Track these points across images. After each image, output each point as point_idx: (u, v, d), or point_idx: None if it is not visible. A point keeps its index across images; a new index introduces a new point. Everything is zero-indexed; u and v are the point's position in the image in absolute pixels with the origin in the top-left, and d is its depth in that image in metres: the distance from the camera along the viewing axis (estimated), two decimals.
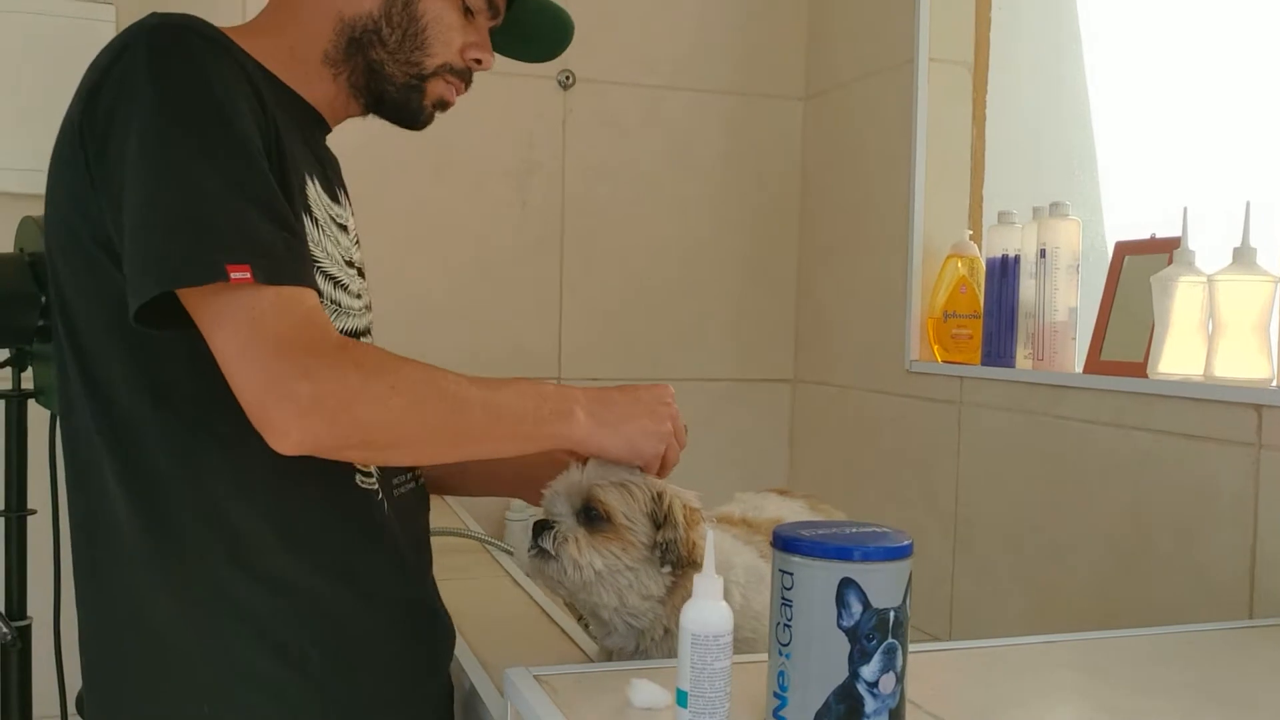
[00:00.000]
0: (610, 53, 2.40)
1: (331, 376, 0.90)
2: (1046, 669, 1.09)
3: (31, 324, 1.55)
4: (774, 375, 2.58)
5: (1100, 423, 1.61)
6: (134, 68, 0.94)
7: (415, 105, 1.16)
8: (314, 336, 0.91)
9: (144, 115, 0.92)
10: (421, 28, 1.12)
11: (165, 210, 0.90)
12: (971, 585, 1.90)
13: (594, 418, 1.05)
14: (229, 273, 0.88)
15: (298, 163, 1.05)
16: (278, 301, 0.90)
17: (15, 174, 2.02)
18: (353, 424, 0.91)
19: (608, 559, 1.05)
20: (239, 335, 0.89)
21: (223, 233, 0.90)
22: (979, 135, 2.12)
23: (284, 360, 0.89)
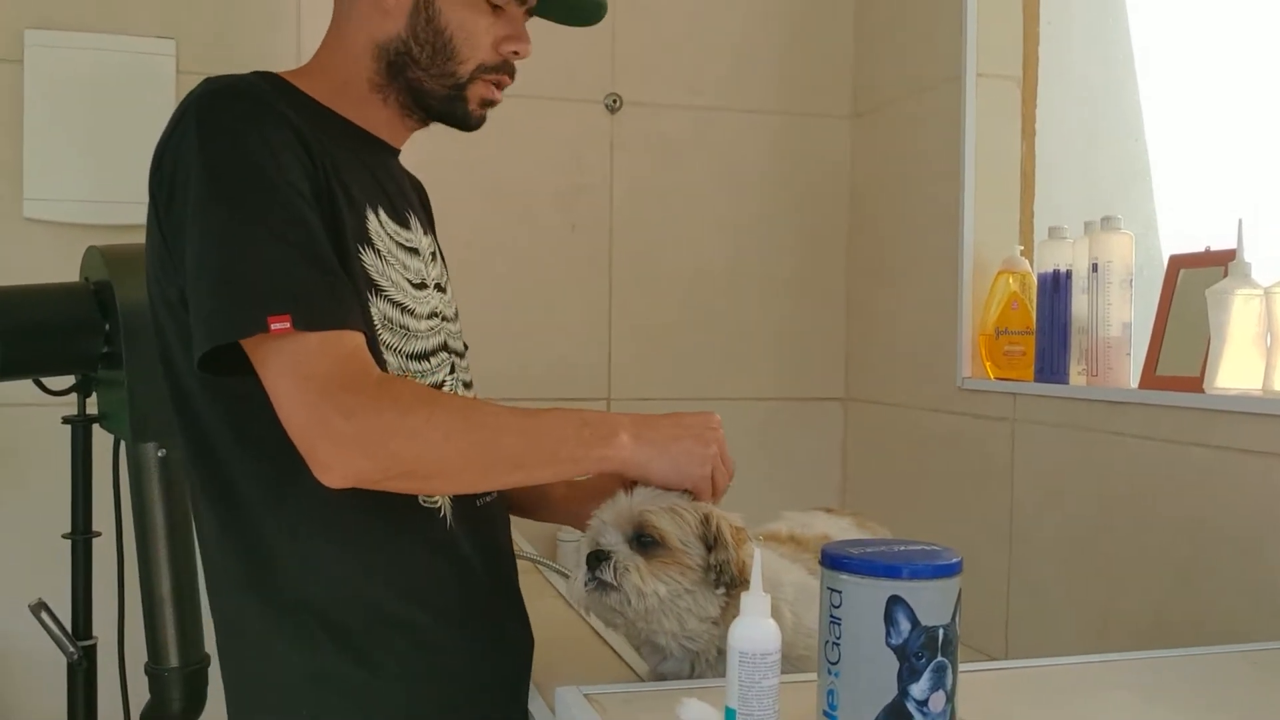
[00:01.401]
0: (657, 75, 2.42)
1: (370, 413, 0.97)
2: (1102, 689, 1.07)
3: (96, 351, 1.59)
4: (825, 394, 2.57)
5: (1157, 439, 1.59)
6: (186, 138, 1.04)
7: (461, 112, 1.20)
8: (354, 375, 0.98)
9: (195, 184, 1.01)
10: (448, 39, 1.15)
11: (212, 271, 0.99)
12: (1027, 604, 1.87)
13: (639, 439, 1.07)
14: (269, 324, 0.96)
15: (357, 199, 1.11)
16: (319, 346, 0.97)
17: (80, 205, 2.08)
18: (391, 457, 0.98)
19: (669, 584, 1.05)
20: (285, 378, 0.97)
21: (263, 287, 0.97)
22: (1029, 150, 2.10)
23: (326, 400, 0.96)
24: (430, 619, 1.11)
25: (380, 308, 1.10)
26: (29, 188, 2.06)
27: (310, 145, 1.06)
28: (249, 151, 1.02)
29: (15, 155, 2.05)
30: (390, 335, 1.10)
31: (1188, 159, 1.93)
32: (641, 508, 1.07)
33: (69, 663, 1.68)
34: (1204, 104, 1.88)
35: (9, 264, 2.01)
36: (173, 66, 2.13)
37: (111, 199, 2.10)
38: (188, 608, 1.61)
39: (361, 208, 1.11)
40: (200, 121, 1.03)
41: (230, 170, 1.01)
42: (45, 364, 1.63)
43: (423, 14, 1.14)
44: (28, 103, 2.05)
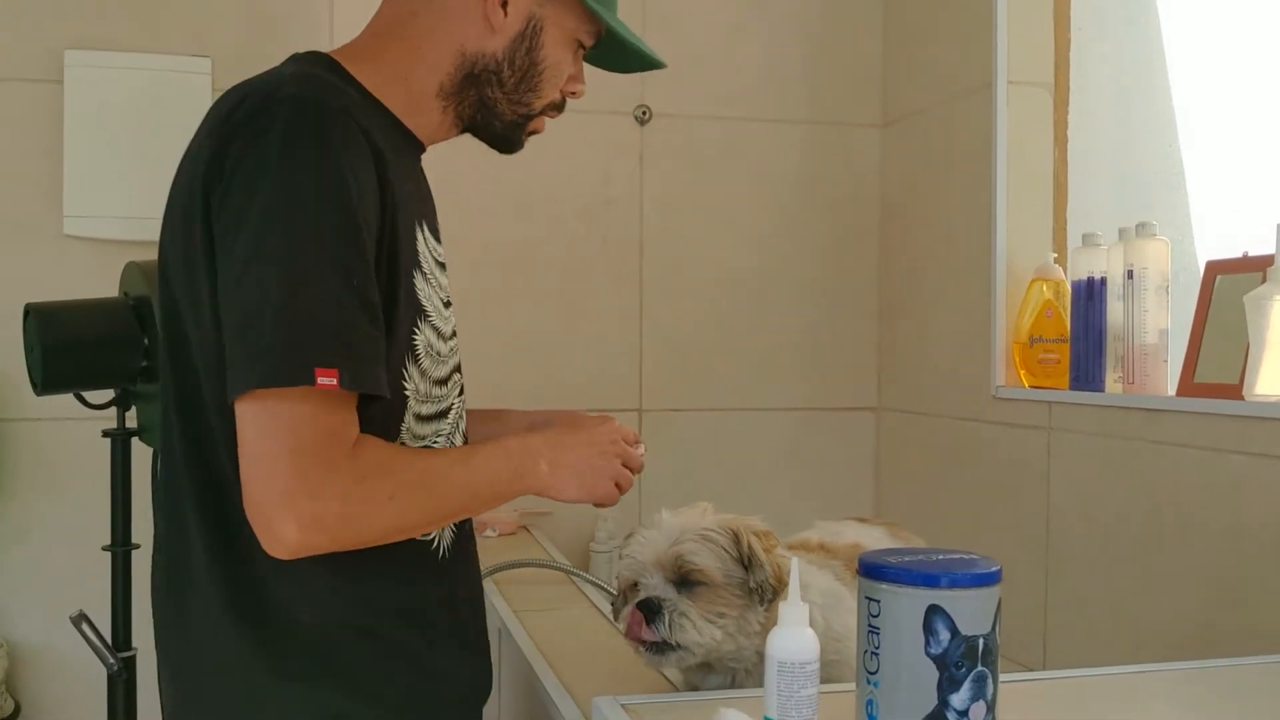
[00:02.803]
0: (686, 87, 2.43)
1: (337, 496, 0.94)
2: (1142, 700, 1.06)
3: (136, 365, 1.61)
4: (858, 404, 2.56)
5: (1196, 446, 1.57)
6: (268, 142, 0.96)
7: (516, 138, 1.20)
8: (333, 451, 0.94)
9: (271, 200, 0.95)
10: (540, 70, 1.15)
11: (273, 305, 0.93)
12: (1065, 615, 1.85)
13: (555, 466, 1.09)
14: (316, 377, 0.91)
15: (410, 216, 1.08)
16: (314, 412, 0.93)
17: (118, 222, 2.11)
18: (351, 536, 0.97)
19: (722, 624, 1.07)
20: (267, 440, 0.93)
21: (321, 336, 0.93)
22: (1061, 157, 2.09)
23: (298, 476, 0.92)
24: (427, 646, 1.10)
25: (425, 334, 1.09)
26: (69, 205, 2.09)
27: (385, 169, 1.02)
28: (335, 187, 0.96)
29: (56, 173, 2.09)
30: (429, 361, 1.10)
31: (1223, 163, 1.91)
32: (677, 547, 1.08)
33: (109, 673, 1.69)
34: (1239, 107, 1.86)
35: (50, 280, 2.04)
36: (208, 84, 2.16)
37: (150, 215, 2.10)
38: None
39: (413, 228, 1.09)
40: (288, 134, 0.97)
41: (313, 201, 0.95)
42: (86, 378, 1.65)
43: (526, 42, 1.13)
44: (68, 122, 2.08)
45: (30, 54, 2.09)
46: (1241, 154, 1.86)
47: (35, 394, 1.63)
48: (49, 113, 2.09)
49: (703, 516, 1.11)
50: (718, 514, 1.13)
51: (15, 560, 2.08)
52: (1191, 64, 1.99)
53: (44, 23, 2.10)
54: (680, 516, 1.12)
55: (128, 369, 1.62)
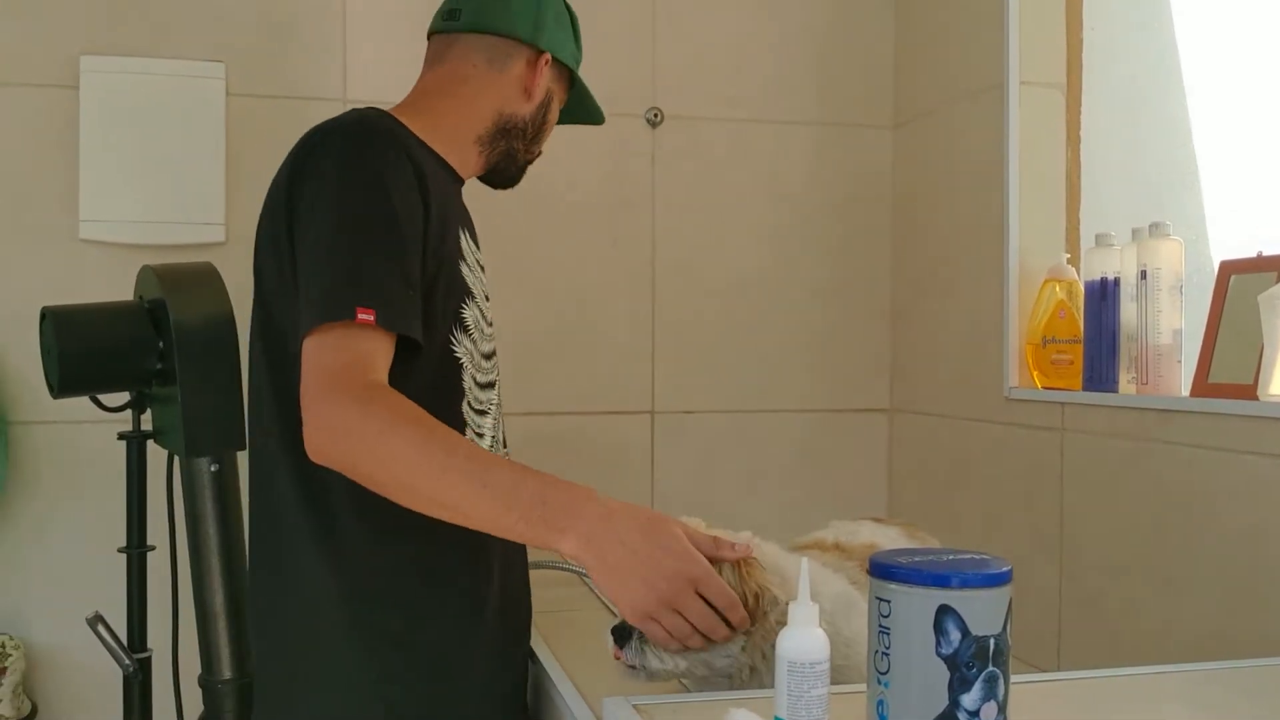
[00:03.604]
0: (698, 89, 2.43)
1: (340, 410, 1.10)
2: (1157, 701, 1.06)
3: (151, 368, 1.63)
4: (870, 405, 2.55)
5: (1210, 447, 1.56)
6: (328, 153, 1.25)
7: (518, 175, 1.55)
8: (352, 376, 1.12)
9: (328, 192, 1.21)
10: (547, 127, 1.52)
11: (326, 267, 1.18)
12: (1079, 616, 1.85)
13: (590, 550, 1.04)
14: (357, 313, 1.13)
15: (452, 222, 1.34)
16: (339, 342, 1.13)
17: (133, 226, 2.13)
18: (342, 453, 1.10)
19: (686, 655, 1.08)
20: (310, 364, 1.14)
21: (361, 287, 1.15)
22: (1074, 157, 2.08)
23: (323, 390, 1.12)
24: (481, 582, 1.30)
25: (472, 311, 1.33)
26: (84, 209, 2.10)
27: (423, 179, 1.26)
28: (381, 179, 1.22)
29: (71, 178, 2.10)
30: (478, 335, 1.34)
31: (1238, 163, 1.90)
32: None
33: (125, 675, 1.71)
34: (1254, 107, 1.85)
35: (66, 284, 2.05)
36: (222, 89, 2.17)
37: (164, 219, 2.14)
38: (241, 620, 1.64)
39: (456, 229, 1.34)
40: (346, 143, 1.25)
41: (366, 194, 1.21)
42: (102, 381, 1.66)
43: (544, 108, 1.49)
44: (83, 127, 2.10)
45: (45, 60, 2.11)
46: (1256, 153, 1.86)
47: (52, 397, 1.64)
48: (64, 118, 2.11)
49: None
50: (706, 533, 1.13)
51: (32, 562, 2.10)
52: (1205, 63, 1.99)
53: (59, 29, 2.11)
54: None
55: (143, 371, 1.63)
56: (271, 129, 2.22)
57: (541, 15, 1.46)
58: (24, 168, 2.10)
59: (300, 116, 2.23)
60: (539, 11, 1.46)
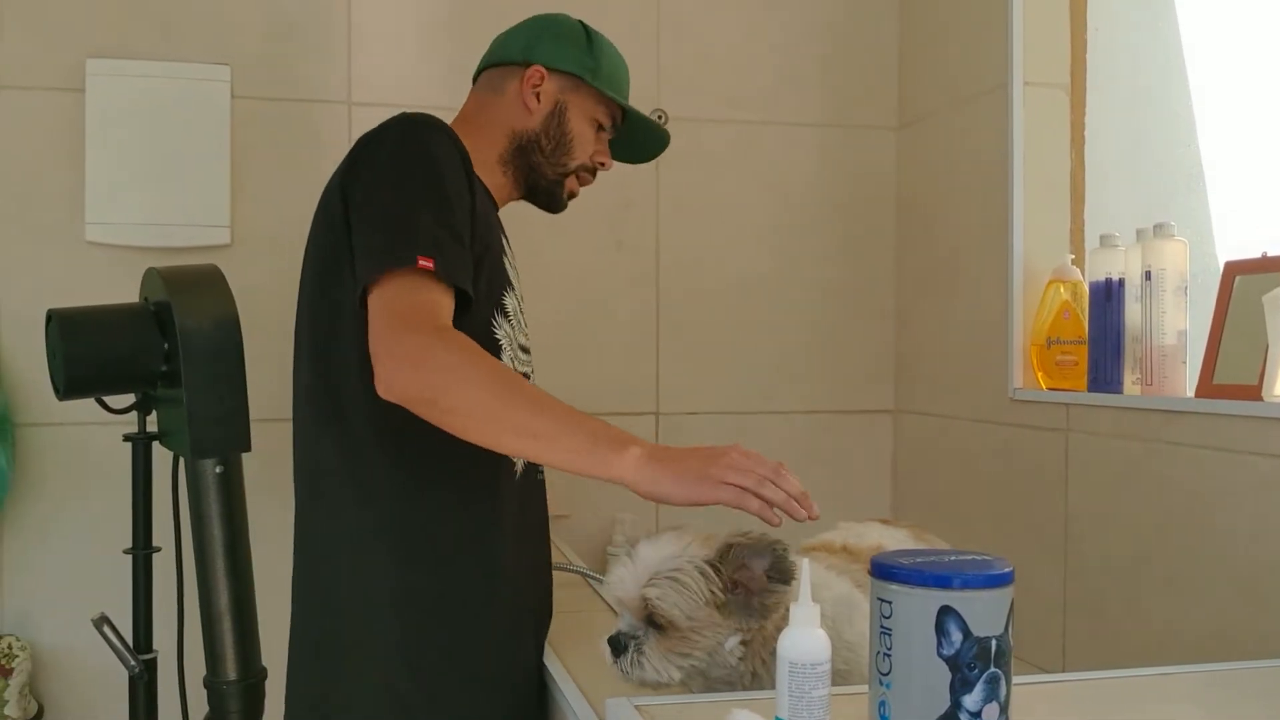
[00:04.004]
0: (702, 90, 2.43)
1: (421, 344, 1.19)
2: (1162, 702, 1.05)
3: (156, 370, 1.63)
4: (875, 406, 2.55)
5: (1215, 448, 1.56)
6: (384, 136, 1.36)
7: (558, 195, 1.60)
8: (424, 317, 1.21)
9: (385, 164, 1.32)
10: (569, 140, 1.56)
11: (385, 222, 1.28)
12: (1084, 618, 1.84)
13: (649, 456, 1.12)
14: (418, 260, 1.22)
15: (492, 225, 1.46)
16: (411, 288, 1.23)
17: (139, 229, 2.13)
18: (422, 383, 1.18)
19: (681, 664, 1.09)
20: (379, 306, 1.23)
21: (419, 241, 1.24)
22: (1078, 158, 2.08)
23: (396, 327, 1.21)
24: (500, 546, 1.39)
25: (512, 300, 1.45)
26: (90, 212, 2.11)
27: (470, 170, 1.38)
28: (435, 156, 1.33)
29: (77, 181, 2.11)
30: (516, 324, 1.44)
31: (1243, 163, 1.89)
32: (642, 588, 1.09)
33: (130, 676, 1.71)
34: (1259, 107, 1.85)
35: (72, 286, 2.06)
36: (227, 92, 2.18)
37: (170, 222, 2.15)
38: (246, 621, 1.64)
39: (496, 231, 1.45)
40: (403, 130, 1.36)
41: (417, 163, 1.32)
42: (107, 383, 1.67)
43: (556, 119, 1.55)
44: (89, 129, 2.11)
45: (52, 63, 2.12)
46: (1262, 153, 1.85)
47: (57, 399, 1.64)
48: (70, 121, 2.12)
49: (683, 549, 1.11)
50: (704, 542, 1.12)
51: (38, 564, 2.10)
52: (1210, 63, 1.98)
53: (65, 32, 2.12)
54: (658, 549, 1.11)
55: (148, 374, 1.63)
56: (276, 131, 2.22)
57: (535, 37, 1.57)
58: (30, 170, 2.11)
59: (305, 119, 2.24)
60: (532, 35, 1.57)
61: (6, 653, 1.99)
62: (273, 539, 1.93)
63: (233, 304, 1.64)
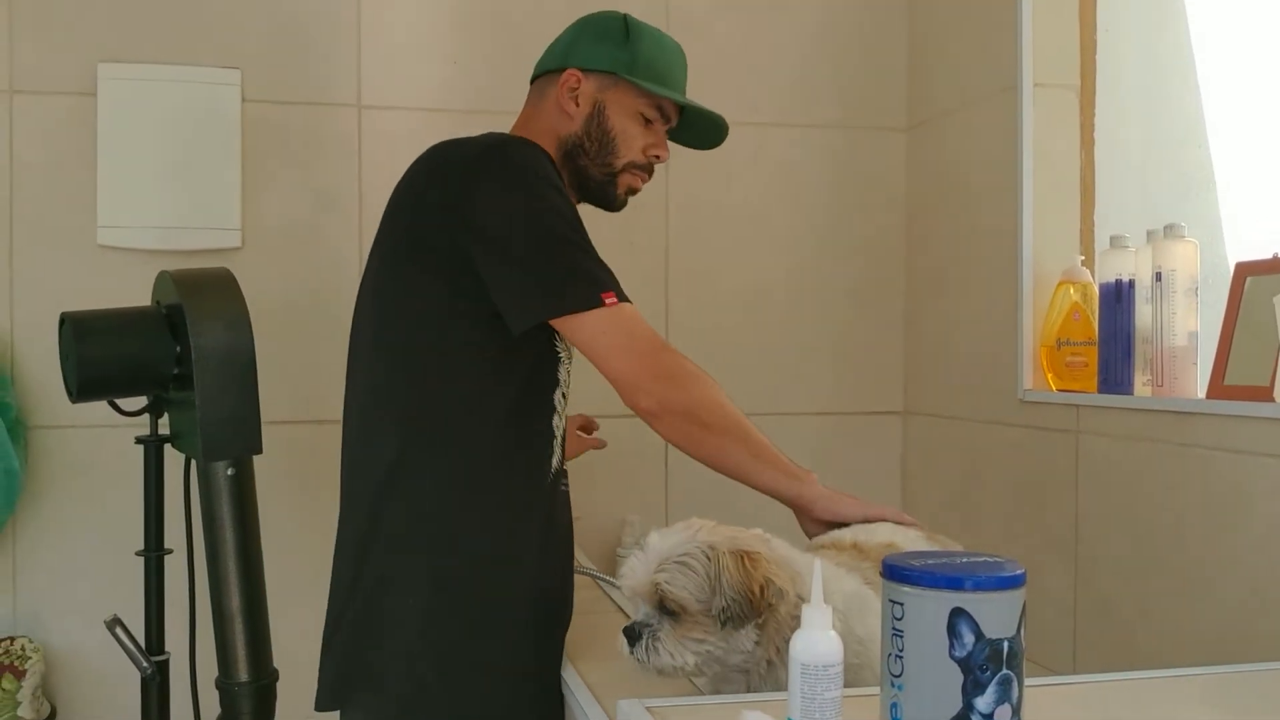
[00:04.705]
0: (710, 92, 2.42)
1: (679, 365, 1.42)
2: (1174, 704, 1.05)
3: (168, 372, 1.63)
4: (884, 408, 2.55)
5: (1226, 450, 1.56)
6: (507, 164, 1.42)
7: (611, 194, 1.62)
8: (658, 339, 1.42)
9: (524, 196, 1.39)
10: (612, 138, 1.57)
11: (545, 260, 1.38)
12: (1095, 620, 1.84)
13: (827, 488, 1.45)
14: (604, 299, 1.37)
15: None
16: (634, 314, 1.41)
17: (151, 232, 2.14)
18: (690, 397, 1.41)
19: (695, 650, 1.10)
20: (611, 335, 1.39)
21: (592, 277, 1.38)
22: (1088, 159, 2.08)
23: (651, 351, 1.41)
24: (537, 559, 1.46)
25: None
26: (102, 216, 2.12)
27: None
28: (555, 183, 1.42)
29: (89, 184, 2.12)
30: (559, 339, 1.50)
31: (1253, 164, 1.89)
32: (654, 576, 1.11)
33: (143, 677, 1.71)
34: (1269, 107, 1.84)
35: (84, 289, 2.07)
36: (238, 96, 2.19)
37: (181, 225, 2.16)
38: (257, 623, 1.64)
39: None
40: (519, 158, 1.42)
41: (546, 191, 1.41)
42: (119, 386, 1.67)
43: (596, 119, 1.56)
44: (101, 133, 2.12)
45: (64, 67, 2.13)
46: (1272, 154, 1.85)
47: (70, 401, 1.65)
48: (82, 125, 2.13)
49: (692, 537, 1.13)
50: (712, 530, 1.14)
51: (50, 566, 2.11)
52: (1220, 63, 1.98)
53: (77, 37, 2.13)
54: (667, 538, 1.14)
55: (160, 376, 1.64)
56: (286, 134, 2.23)
57: (575, 39, 1.60)
58: (43, 174, 2.12)
59: (315, 122, 2.25)
60: (572, 38, 1.60)
61: (20, 654, 2.00)
62: (284, 540, 1.94)
63: (244, 306, 1.65)
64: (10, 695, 1.96)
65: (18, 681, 1.98)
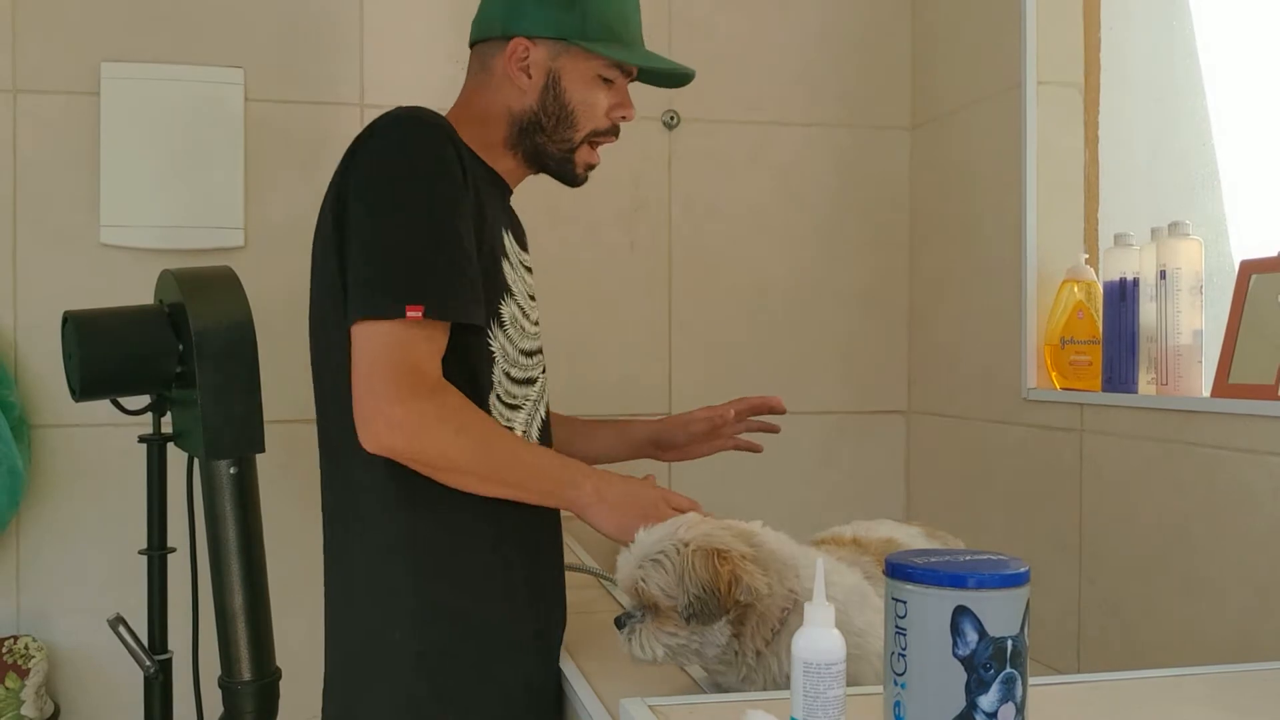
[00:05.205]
0: (714, 91, 2.43)
1: (416, 411, 1.22)
2: (1178, 704, 1.05)
3: (171, 371, 1.64)
4: (888, 407, 2.55)
5: (1230, 448, 1.55)
6: (380, 141, 1.30)
7: (569, 171, 1.49)
8: (417, 375, 1.22)
9: (378, 185, 1.28)
10: (570, 111, 1.44)
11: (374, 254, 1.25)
12: (1100, 619, 1.84)
13: (598, 494, 1.30)
14: (406, 311, 1.21)
15: (496, 221, 1.39)
16: (406, 339, 1.22)
17: (154, 231, 2.14)
18: (420, 448, 1.23)
19: (667, 640, 1.13)
20: (367, 360, 1.22)
21: (407, 280, 1.22)
22: (1092, 157, 2.07)
23: (390, 386, 1.21)
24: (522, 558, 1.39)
25: (511, 308, 1.38)
26: (105, 215, 2.12)
27: (468, 172, 1.32)
28: (428, 168, 1.28)
29: (92, 184, 2.12)
30: (515, 331, 1.39)
31: (1258, 162, 1.88)
32: (632, 572, 1.15)
33: (145, 676, 1.72)
34: (1274, 105, 1.84)
35: (87, 288, 2.07)
36: (241, 95, 2.19)
37: (184, 224, 2.16)
38: (260, 622, 1.64)
39: (498, 227, 1.38)
40: (398, 142, 1.30)
41: (415, 187, 1.27)
42: (122, 385, 1.68)
43: (550, 92, 1.43)
44: (104, 132, 2.12)
45: (67, 66, 2.13)
46: (1277, 151, 1.84)
47: (73, 400, 1.66)
48: (85, 124, 2.13)
49: (672, 533, 1.15)
50: (696, 525, 1.15)
51: (53, 564, 2.11)
52: (1225, 60, 1.97)
53: (80, 36, 2.13)
54: (650, 534, 1.16)
55: (163, 375, 1.64)
56: (289, 134, 2.23)
57: (516, 5, 1.42)
58: (46, 173, 2.12)
59: (318, 121, 2.25)
60: (509, 5, 1.43)
61: (23, 653, 2.00)
62: (287, 539, 1.94)
63: (247, 305, 1.65)
64: (14, 694, 1.97)
65: (21, 680, 1.98)
